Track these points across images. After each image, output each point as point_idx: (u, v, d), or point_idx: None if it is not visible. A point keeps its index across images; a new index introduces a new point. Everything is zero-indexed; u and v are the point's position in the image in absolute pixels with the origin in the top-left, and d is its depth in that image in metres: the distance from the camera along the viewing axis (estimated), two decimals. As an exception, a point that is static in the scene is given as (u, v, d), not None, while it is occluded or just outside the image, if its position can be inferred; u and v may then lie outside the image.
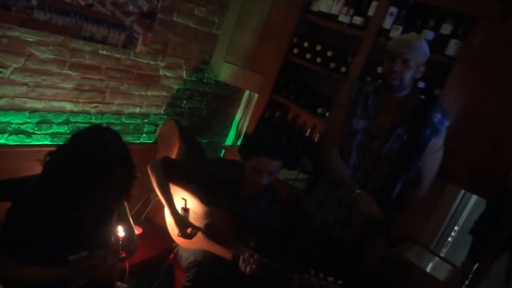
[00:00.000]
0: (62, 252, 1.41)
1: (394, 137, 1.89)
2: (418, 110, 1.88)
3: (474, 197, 2.58)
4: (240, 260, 1.86)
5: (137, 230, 2.40)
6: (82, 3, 2.15)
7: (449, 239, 2.71)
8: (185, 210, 2.11)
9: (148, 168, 2.09)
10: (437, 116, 1.87)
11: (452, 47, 2.25)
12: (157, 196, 2.14)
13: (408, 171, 1.89)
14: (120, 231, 1.77)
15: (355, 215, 1.87)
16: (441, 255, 2.59)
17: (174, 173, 2.11)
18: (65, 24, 2.12)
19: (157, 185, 2.08)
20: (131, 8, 2.37)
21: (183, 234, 2.05)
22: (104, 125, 1.56)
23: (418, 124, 1.86)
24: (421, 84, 2.31)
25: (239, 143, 3.31)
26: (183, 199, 2.12)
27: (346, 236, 1.97)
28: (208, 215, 2.06)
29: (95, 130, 1.51)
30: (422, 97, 2.02)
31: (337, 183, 1.98)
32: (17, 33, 1.98)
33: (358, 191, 1.83)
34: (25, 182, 1.56)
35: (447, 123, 1.90)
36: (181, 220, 2.07)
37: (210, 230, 2.05)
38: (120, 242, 1.70)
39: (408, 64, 1.82)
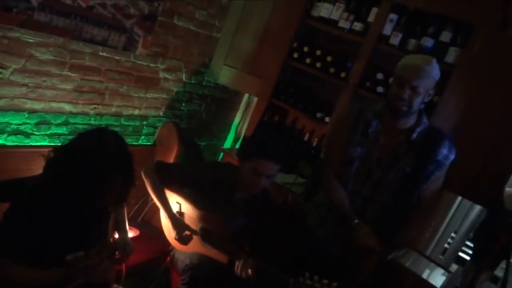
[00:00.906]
0: (59, 252, 1.41)
1: (397, 169, 1.84)
2: (424, 146, 1.81)
3: (472, 204, 2.58)
4: (236, 265, 1.86)
5: (134, 233, 2.41)
6: (83, 5, 2.15)
7: (446, 245, 2.71)
8: (180, 214, 2.11)
9: (142, 173, 2.08)
10: (443, 152, 1.81)
11: (451, 55, 2.26)
12: (152, 199, 2.15)
13: (409, 200, 1.86)
14: (116, 234, 1.78)
15: (353, 244, 1.84)
16: (438, 261, 2.59)
17: (168, 177, 2.11)
18: (66, 25, 2.13)
19: (152, 189, 2.08)
20: (132, 10, 2.38)
21: (180, 237, 2.05)
22: (110, 128, 1.56)
23: (423, 161, 1.80)
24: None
25: (237, 146, 3.32)
26: (178, 203, 2.12)
27: (344, 253, 1.96)
28: (203, 218, 2.06)
29: (101, 133, 1.51)
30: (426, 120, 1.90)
31: (337, 211, 1.95)
32: (17, 34, 1.98)
33: (356, 221, 1.82)
34: (23, 183, 1.56)
35: (452, 157, 1.84)
36: (178, 222, 2.07)
37: (205, 234, 2.05)
38: (116, 244, 1.70)
39: (417, 91, 1.74)
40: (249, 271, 1.81)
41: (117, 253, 1.70)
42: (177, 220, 2.07)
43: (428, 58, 1.78)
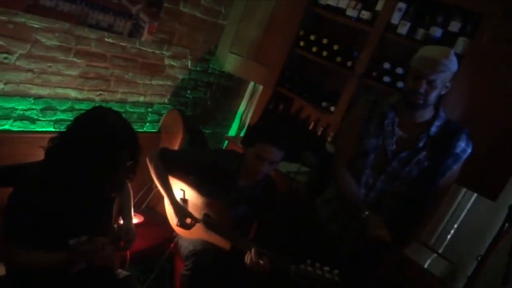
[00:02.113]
0: (62, 237, 1.42)
1: (414, 163, 1.81)
2: (442, 139, 1.79)
3: (475, 195, 2.58)
4: (248, 258, 1.85)
5: (139, 219, 2.43)
6: (89, -10, 2.14)
7: (448, 236, 2.71)
8: (184, 201, 2.12)
9: (147, 159, 2.09)
10: (461, 146, 1.79)
11: (460, 45, 2.23)
12: (156, 186, 2.16)
13: (426, 195, 1.84)
14: (121, 220, 1.79)
15: (364, 236, 1.82)
16: (440, 252, 2.60)
17: (172, 164, 2.12)
18: (71, 11, 2.11)
19: (156, 175, 2.09)
20: (137, -4, 2.36)
21: (182, 224, 2.06)
22: (103, 106, 1.54)
23: (442, 155, 1.78)
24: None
25: (242, 134, 3.32)
26: (182, 190, 2.13)
27: (357, 249, 1.94)
28: (206, 205, 2.07)
29: (99, 112, 1.50)
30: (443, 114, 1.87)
31: (348, 204, 1.94)
32: (23, 19, 1.98)
33: (366, 213, 1.81)
34: (27, 168, 1.57)
35: (469, 150, 1.82)
36: (180, 209, 2.08)
37: (208, 221, 2.07)
38: (119, 230, 1.71)
39: (433, 85, 1.71)
40: (262, 263, 1.80)
41: (120, 238, 1.71)
42: (179, 206, 2.09)
43: (446, 51, 1.73)
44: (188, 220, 2.07)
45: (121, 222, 1.80)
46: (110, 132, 1.43)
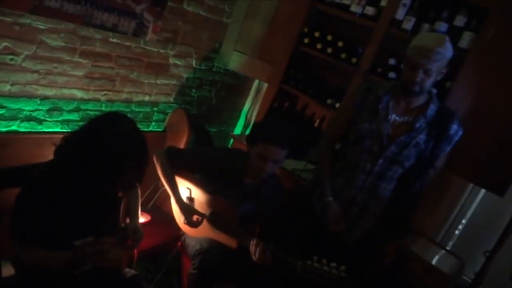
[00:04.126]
0: (69, 237, 1.44)
1: (413, 145, 1.86)
2: (437, 122, 1.85)
3: (483, 191, 2.56)
4: (251, 249, 1.87)
5: (145, 218, 2.44)
6: (93, -10, 2.15)
7: (456, 232, 2.70)
8: (190, 199, 2.13)
9: (154, 157, 2.11)
10: (454, 128, 1.85)
11: (465, 40, 2.21)
12: (163, 184, 2.17)
13: (423, 178, 1.89)
14: (128, 219, 1.80)
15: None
16: (448, 248, 2.59)
17: (179, 163, 2.13)
18: (76, 11, 2.12)
19: (162, 174, 2.10)
20: (141, -4, 2.36)
21: (189, 222, 2.07)
22: (120, 112, 1.56)
23: (439, 137, 1.84)
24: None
25: (247, 132, 3.32)
26: (188, 188, 2.14)
27: (354, 235, 1.98)
28: (213, 204, 2.08)
29: (114, 117, 1.52)
30: (435, 91, 1.96)
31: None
32: (28, 21, 1.99)
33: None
34: (34, 168, 1.58)
35: (460, 133, 1.87)
36: (187, 208, 2.09)
37: (214, 219, 2.07)
38: (126, 230, 1.72)
39: (429, 73, 1.75)
40: (268, 255, 1.83)
41: (128, 238, 1.72)
42: (185, 205, 2.10)
43: (440, 39, 1.75)
44: (195, 218, 2.08)
45: (128, 221, 1.81)
46: (121, 139, 1.44)
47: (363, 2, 2.50)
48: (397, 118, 1.89)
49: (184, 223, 2.08)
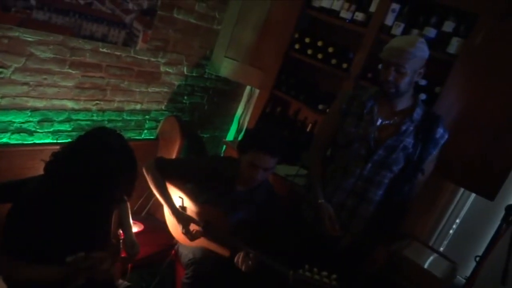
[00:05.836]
0: (61, 251, 1.43)
1: (401, 149, 1.88)
2: (424, 126, 1.88)
3: (473, 195, 2.58)
4: (236, 257, 1.88)
5: (138, 227, 2.44)
6: (81, 2, 2.14)
7: (448, 234, 2.72)
8: (183, 208, 2.13)
9: (144, 170, 2.10)
10: (440, 131, 1.88)
11: (453, 45, 2.23)
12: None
13: (411, 182, 1.91)
14: (120, 230, 1.80)
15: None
16: (439, 251, 2.60)
17: (169, 173, 2.12)
18: (65, 23, 2.12)
19: (154, 186, 2.10)
20: (130, 5, 2.36)
21: (187, 231, 2.06)
22: (108, 127, 1.57)
23: (426, 140, 1.86)
24: (422, 82, 2.30)
25: (240, 138, 3.32)
26: (180, 198, 2.14)
27: (344, 240, 1.99)
28: (205, 213, 2.08)
29: (101, 133, 1.52)
30: (423, 97, 2.00)
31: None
32: (17, 33, 1.98)
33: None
34: (25, 183, 1.58)
35: (446, 136, 1.91)
36: (183, 217, 2.09)
37: (207, 228, 2.07)
38: (121, 242, 1.72)
39: (401, 72, 1.79)
40: (250, 264, 1.85)
41: (122, 250, 1.72)
42: (181, 214, 2.09)
43: (411, 40, 1.83)
44: (192, 226, 2.07)
45: (121, 232, 1.81)
46: (109, 155, 1.44)
47: (353, 8, 2.51)
48: (382, 121, 1.93)
49: (182, 232, 2.07)
